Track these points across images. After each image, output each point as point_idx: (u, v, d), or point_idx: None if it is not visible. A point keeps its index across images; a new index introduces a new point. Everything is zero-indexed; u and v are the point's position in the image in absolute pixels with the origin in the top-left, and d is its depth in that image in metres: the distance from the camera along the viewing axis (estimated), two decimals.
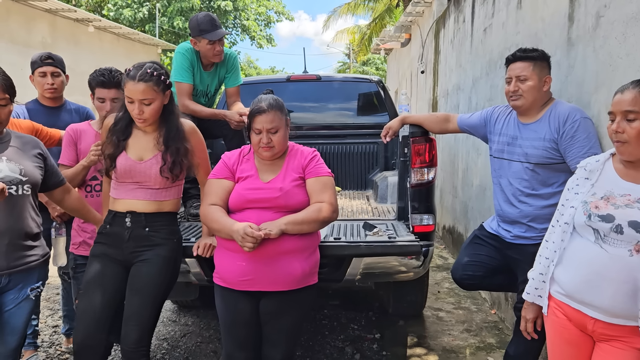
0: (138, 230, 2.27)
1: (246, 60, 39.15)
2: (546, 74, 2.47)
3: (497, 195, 2.67)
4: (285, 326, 2.22)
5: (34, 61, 3.08)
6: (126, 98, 2.22)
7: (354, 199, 3.94)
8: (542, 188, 2.46)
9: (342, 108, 4.69)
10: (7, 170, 2.05)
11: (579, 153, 2.29)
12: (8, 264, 2.07)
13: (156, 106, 2.23)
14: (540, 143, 2.44)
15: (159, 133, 2.30)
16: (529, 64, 2.43)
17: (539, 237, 2.31)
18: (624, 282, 1.60)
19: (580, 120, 2.35)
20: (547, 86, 2.46)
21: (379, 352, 3.43)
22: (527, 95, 2.45)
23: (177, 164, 2.26)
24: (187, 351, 3.48)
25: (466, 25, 5.70)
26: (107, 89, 2.67)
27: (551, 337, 1.86)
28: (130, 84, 2.17)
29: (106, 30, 13.41)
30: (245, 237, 1.99)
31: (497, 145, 2.65)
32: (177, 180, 2.33)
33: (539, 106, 2.49)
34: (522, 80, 2.44)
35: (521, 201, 2.51)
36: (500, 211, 2.64)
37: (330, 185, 2.24)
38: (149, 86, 2.18)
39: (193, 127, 2.42)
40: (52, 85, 3.07)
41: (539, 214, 2.46)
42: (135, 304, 2.24)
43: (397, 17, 14.34)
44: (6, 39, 9.81)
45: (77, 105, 3.29)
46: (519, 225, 2.54)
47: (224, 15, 22.32)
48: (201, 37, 3.19)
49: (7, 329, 2.13)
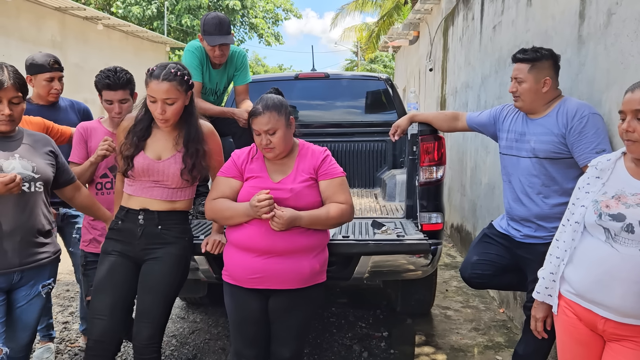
0: (150, 228, 2.28)
1: (254, 58, 39.22)
2: (545, 75, 2.44)
3: (507, 194, 2.66)
4: (294, 324, 2.22)
5: (39, 64, 2.99)
6: (148, 97, 2.22)
7: (362, 197, 3.93)
8: (552, 185, 2.44)
9: (351, 106, 4.68)
10: (20, 168, 2.07)
11: (587, 149, 2.29)
12: (20, 261, 2.09)
13: (178, 106, 2.24)
14: (548, 137, 2.43)
15: (179, 134, 2.31)
16: (526, 66, 2.45)
17: (549, 236, 2.30)
18: (635, 282, 1.59)
19: (589, 116, 2.34)
20: (546, 87, 2.45)
21: (386, 351, 3.43)
22: (523, 97, 2.48)
23: (197, 166, 2.27)
24: (195, 348, 3.50)
25: (475, 23, 5.67)
26: (113, 91, 2.64)
27: (561, 337, 1.86)
28: (154, 83, 2.18)
29: (115, 28, 13.47)
30: (258, 205, 2.01)
31: (506, 142, 2.65)
32: (194, 182, 2.34)
33: (540, 106, 2.49)
34: (520, 82, 2.47)
35: (531, 199, 2.50)
36: (509, 210, 2.63)
37: (346, 185, 2.25)
38: (172, 85, 2.19)
39: (211, 129, 2.42)
40: (58, 91, 3.07)
41: (549, 213, 2.45)
42: (148, 302, 2.26)
43: (405, 14, 14.29)
44: (16, 37, 9.88)
45: (70, 101, 3.26)
46: (529, 224, 2.53)
47: (232, 13, 22.34)
48: (203, 37, 3.21)
49: (19, 325, 2.16)
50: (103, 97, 2.68)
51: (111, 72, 2.66)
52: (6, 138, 2.11)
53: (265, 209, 2.02)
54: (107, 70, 2.68)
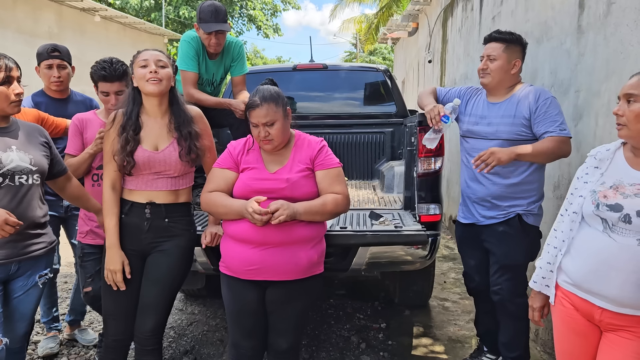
0: (158, 221, 2.27)
1: (253, 50, 39.06)
2: (516, 57, 2.59)
3: (464, 175, 2.78)
4: (291, 315, 2.22)
5: (40, 53, 3.07)
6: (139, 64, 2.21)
7: (360, 189, 3.93)
8: (509, 166, 2.54)
9: (349, 97, 4.66)
10: (18, 160, 2.06)
11: (551, 127, 2.45)
12: (17, 252, 2.08)
13: (169, 72, 2.24)
14: (510, 120, 2.56)
15: (169, 120, 2.30)
16: (501, 45, 2.58)
17: (502, 215, 2.59)
18: (632, 272, 1.59)
19: (551, 99, 2.51)
20: (515, 69, 2.60)
21: (384, 342, 3.44)
22: (494, 74, 2.60)
23: (192, 148, 2.27)
24: (193, 339, 3.50)
25: (474, 14, 5.64)
26: (109, 83, 2.63)
27: (558, 327, 1.86)
28: (144, 52, 2.24)
29: (112, 19, 13.38)
30: (254, 215, 2.00)
31: (467, 125, 2.74)
32: (194, 164, 2.34)
33: (505, 87, 2.63)
34: (492, 60, 2.59)
35: (489, 179, 2.62)
36: (466, 189, 2.75)
37: (342, 176, 2.24)
38: (161, 53, 2.27)
39: (199, 113, 2.43)
40: (58, 78, 3.06)
41: (505, 192, 2.59)
42: (153, 294, 2.26)
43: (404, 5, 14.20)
44: (13, 29, 9.82)
45: (83, 96, 3.29)
46: (485, 203, 2.65)
47: (230, 5, 22.22)
48: (199, 25, 3.18)
49: (16, 315, 2.16)
50: (99, 88, 2.67)
51: (107, 64, 2.64)
52: (2, 129, 2.10)
53: (259, 224, 2.01)
54: (103, 61, 2.66)
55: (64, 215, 3.16)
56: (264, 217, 1.99)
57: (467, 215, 2.78)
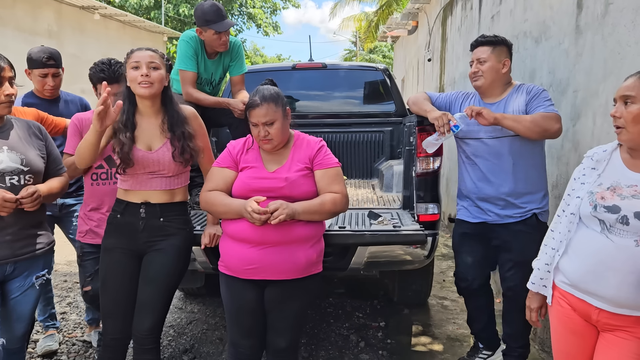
0: (152, 221, 2.28)
1: (252, 48, 38.96)
2: (505, 57, 2.68)
3: (470, 176, 2.78)
4: (290, 314, 2.23)
5: (34, 60, 2.99)
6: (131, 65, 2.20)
7: (359, 188, 3.93)
8: (520, 161, 2.60)
9: (348, 96, 4.66)
10: (8, 161, 2.05)
11: (543, 106, 2.54)
12: (13, 253, 2.08)
13: (161, 74, 2.23)
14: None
15: (162, 120, 2.30)
16: (488, 47, 2.68)
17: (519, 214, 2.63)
18: (629, 272, 1.60)
19: (543, 90, 2.63)
20: (505, 68, 2.68)
21: (383, 340, 3.45)
22: (486, 75, 2.67)
23: (186, 148, 2.27)
24: (193, 338, 3.51)
25: (474, 13, 5.64)
26: (108, 85, 2.63)
27: (555, 327, 1.86)
28: (137, 52, 2.22)
29: (112, 17, 13.36)
30: (253, 214, 2.01)
31: (467, 126, 2.71)
32: (188, 164, 2.34)
33: (498, 87, 2.70)
34: (482, 62, 2.68)
35: (500, 177, 2.65)
36: (476, 190, 2.74)
37: (341, 176, 2.25)
38: (153, 53, 2.25)
39: (193, 112, 2.43)
40: (52, 87, 3.06)
41: (517, 189, 2.61)
42: (149, 293, 2.27)
43: (404, 4, 14.19)
44: (12, 27, 9.80)
45: (72, 96, 3.28)
46: (499, 202, 2.67)
47: (229, 3, 22.18)
48: (207, 28, 3.16)
49: (14, 316, 2.16)
50: (98, 90, 2.66)
51: (106, 66, 2.63)
52: None
53: (258, 223, 2.02)
54: (102, 63, 2.66)
55: (58, 214, 3.15)
56: (262, 216, 2.00)
57: (475, 215, 2.77)
